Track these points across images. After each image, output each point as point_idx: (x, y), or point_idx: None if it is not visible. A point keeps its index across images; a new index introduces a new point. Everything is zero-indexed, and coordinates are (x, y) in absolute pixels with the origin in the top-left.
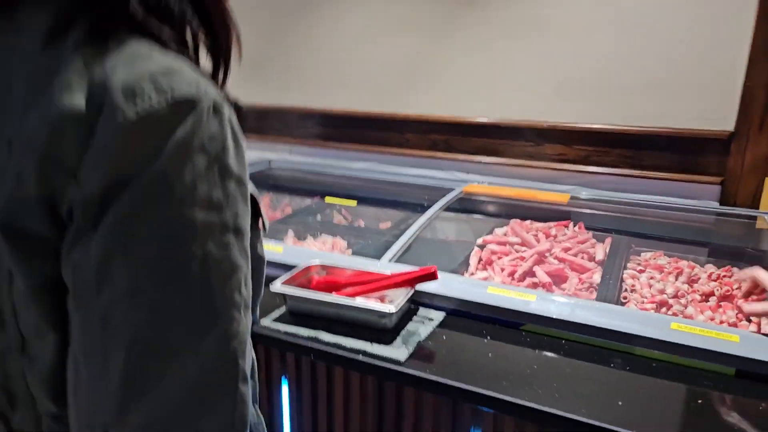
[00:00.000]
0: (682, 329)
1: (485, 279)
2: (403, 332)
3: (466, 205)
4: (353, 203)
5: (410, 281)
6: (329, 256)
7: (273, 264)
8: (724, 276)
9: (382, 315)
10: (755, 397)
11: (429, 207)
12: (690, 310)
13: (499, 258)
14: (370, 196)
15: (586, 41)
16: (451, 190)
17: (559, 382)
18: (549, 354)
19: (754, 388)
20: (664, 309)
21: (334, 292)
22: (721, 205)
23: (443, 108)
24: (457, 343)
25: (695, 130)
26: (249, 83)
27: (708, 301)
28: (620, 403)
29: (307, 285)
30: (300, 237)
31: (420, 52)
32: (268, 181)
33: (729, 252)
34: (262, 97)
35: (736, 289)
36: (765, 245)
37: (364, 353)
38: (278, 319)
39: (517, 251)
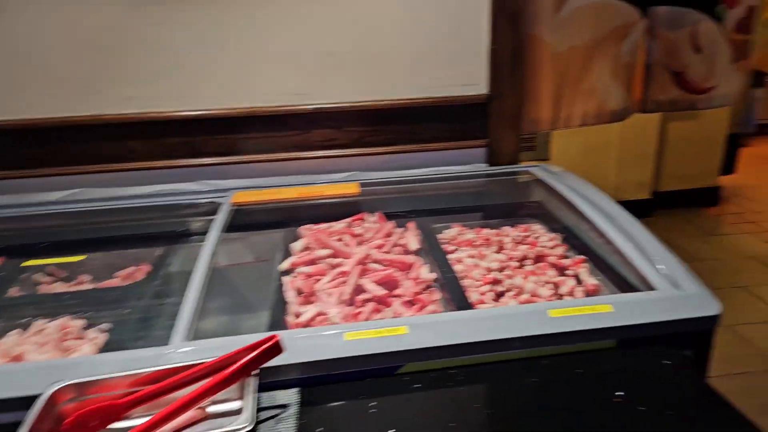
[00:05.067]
0: (560, 314)
1: (319, 316)
2: None
3: (241, 221)
4: (76, 258)
5: (245, 370)
6: (72, 364)
7: None
8: (526, 236)
9: None
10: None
11: (186, 234)
12: (518, 279)
13: (317, 281)
14: (93, 236)
15: (347, 10)
16: (214, 204)
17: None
18: (451, 393)
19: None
20: (498, 287)
21: (119, 424)
22: (490, 165)
23: (178, 101)
24: (338, 429)
25: (456, 97)
26: None
27: (524, 265)
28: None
29: (57, 431)
30: None
31: (130, 27)
32: None
33: (513, 209)
34: None
35: (542, 247)
36: (535, 196)
37: None
38: None
39: (332, 266)
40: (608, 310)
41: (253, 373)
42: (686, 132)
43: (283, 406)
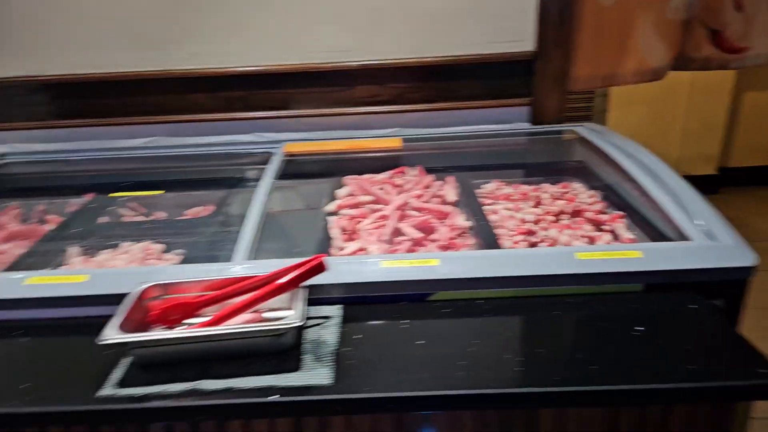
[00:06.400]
0: (587, 257)
1: (360, 251)
2: (307, 348)
3: (293, 169)
4: (156, 192)
5: (294, 281)
6: (158, 271)
7: (75, 301)
8: (565, 192)
9: (281, 334)
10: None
11: (244, 180)
12: (552, 232)
13: (359, 222)
14: (166, 179)
15: None
16: (268, 154)
17: (506, 350)
18: (475, 320)
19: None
20: (532, 238)
21: (193, 320)
22: (533, 124)
23: (237, 57)
24: (373, 338)
25: (501, 54)
26: None
27: (560, 220)
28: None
29: (144, 321)
30: (91, 254)
31: None
32: (7, 183)
33: (554, 167)
34: None
35: (580, 202)
36: (578, 155)
37: (276, 390)
38: (125, 383)
39: (373, 211)
40: (637, 256)
41: (302, 286)
42: (764, 103)
43: (327, 317)
